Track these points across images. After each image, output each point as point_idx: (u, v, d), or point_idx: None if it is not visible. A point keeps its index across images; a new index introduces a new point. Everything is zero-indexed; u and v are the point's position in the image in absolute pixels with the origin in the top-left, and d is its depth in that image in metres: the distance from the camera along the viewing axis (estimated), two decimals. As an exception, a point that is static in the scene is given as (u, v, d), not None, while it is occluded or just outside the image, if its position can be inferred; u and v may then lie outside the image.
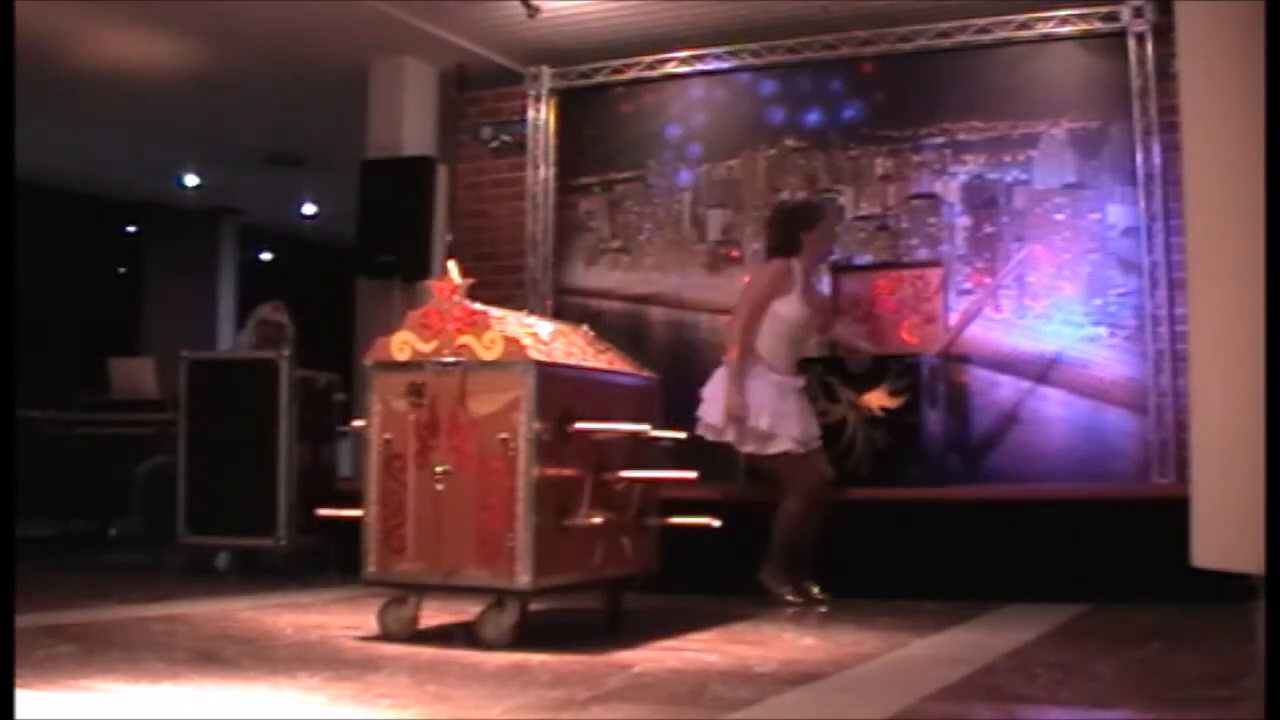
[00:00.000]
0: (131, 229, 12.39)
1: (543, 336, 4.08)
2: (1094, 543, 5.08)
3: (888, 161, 6.72)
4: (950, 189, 6.60)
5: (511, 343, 3.82)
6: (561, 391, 3.88)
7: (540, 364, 3.80)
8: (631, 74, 7.33)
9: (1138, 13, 6.22)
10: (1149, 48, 6.19)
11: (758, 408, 5.04)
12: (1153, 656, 3.69)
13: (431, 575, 3.85)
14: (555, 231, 7.45)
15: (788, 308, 5.14)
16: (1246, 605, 2.21)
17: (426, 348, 3.92)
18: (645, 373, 4.52)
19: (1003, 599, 4.90)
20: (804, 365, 5.46)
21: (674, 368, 5.89)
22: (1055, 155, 6.40)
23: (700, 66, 7.19)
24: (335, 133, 8.29)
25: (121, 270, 12.60)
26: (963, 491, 5.74)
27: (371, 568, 3.94)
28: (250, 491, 5.97)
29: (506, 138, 7.62)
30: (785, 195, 6.90)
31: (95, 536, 7.40)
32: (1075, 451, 6.18)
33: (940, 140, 6.62)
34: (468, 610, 3.91)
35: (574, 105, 7.50)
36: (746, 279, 5.64)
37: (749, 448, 5.13)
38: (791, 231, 5.28)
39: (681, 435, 4.41)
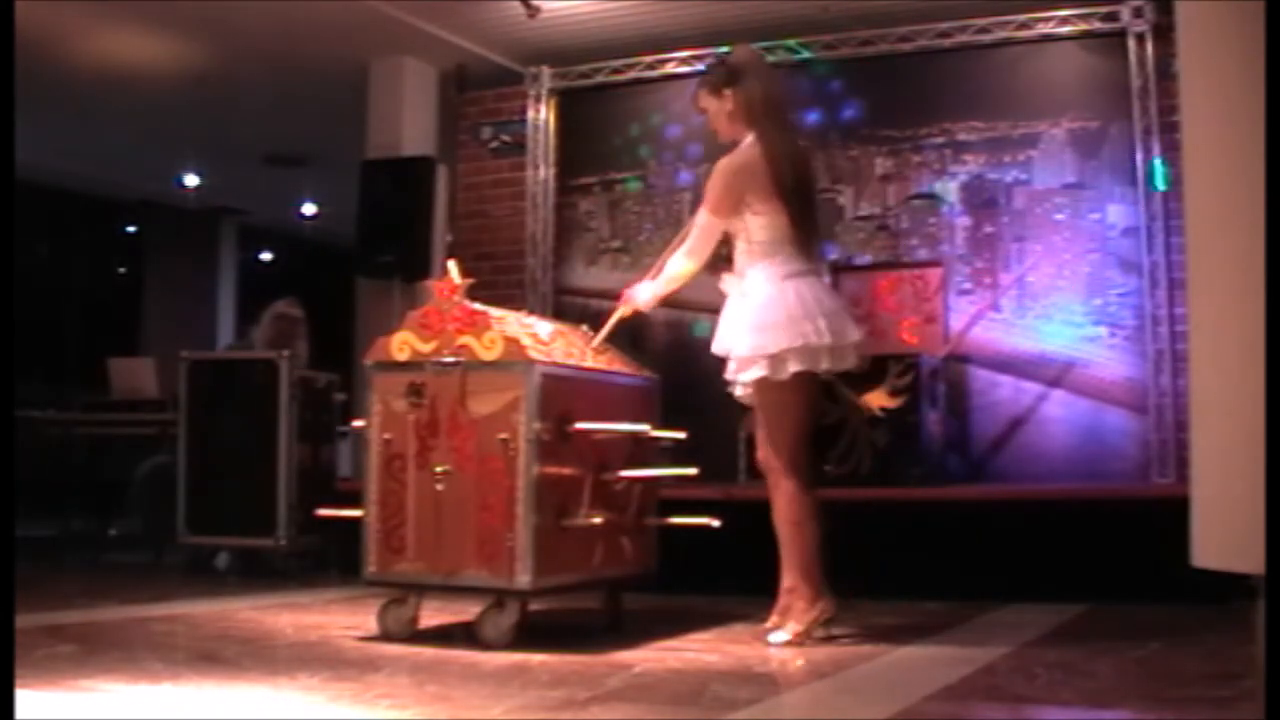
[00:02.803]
0: (131, 229, 12.40)
1: (542, 336, 4.08)
2: (1094, 543, 5.08)
3: (888, 161, 6.73)
4: (950, 189, 6.61)
5: (511, 343, 3.82)
6: (561, 391, 3.88)
7: (540, 364, 3.80)
8: (631, 74, 7.33)
9: (1138, 13, 6.23)
10: (1149, 48, 6.19)
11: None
12: (1153, 656, 3.69)
13: (431, 575, 3.85)
14: (555, 231, 7.46)
15: None
16: (1246, 605, 2.21)
17: (426, 348, 3.92)
18: (645, 373, 4.52)
19: (1003, 599, 4.89)
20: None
21: (674, 368, 5.89)
22: (1055, 155, 6.41)
23: (700, 66, 7.18)
24: (335, 133, 8.29)
25: (121, 270, 12.61)
26: (963, 491, 5.74)
27: (371, 568, 3.94)
28: (250, 491, 5.97)
29: (506, 138, 7.62)
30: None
31: (95, 536, 7.40)
32: (1075, 451, 6.19)
33: (940, 140, 6.63)
34: (468, 610, 3.91)
35: (574, 105, 7.50)
36: None
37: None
38: None
39: (681, 435, 4.41)
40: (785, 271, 3.94)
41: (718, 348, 4.05)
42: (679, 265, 4.14)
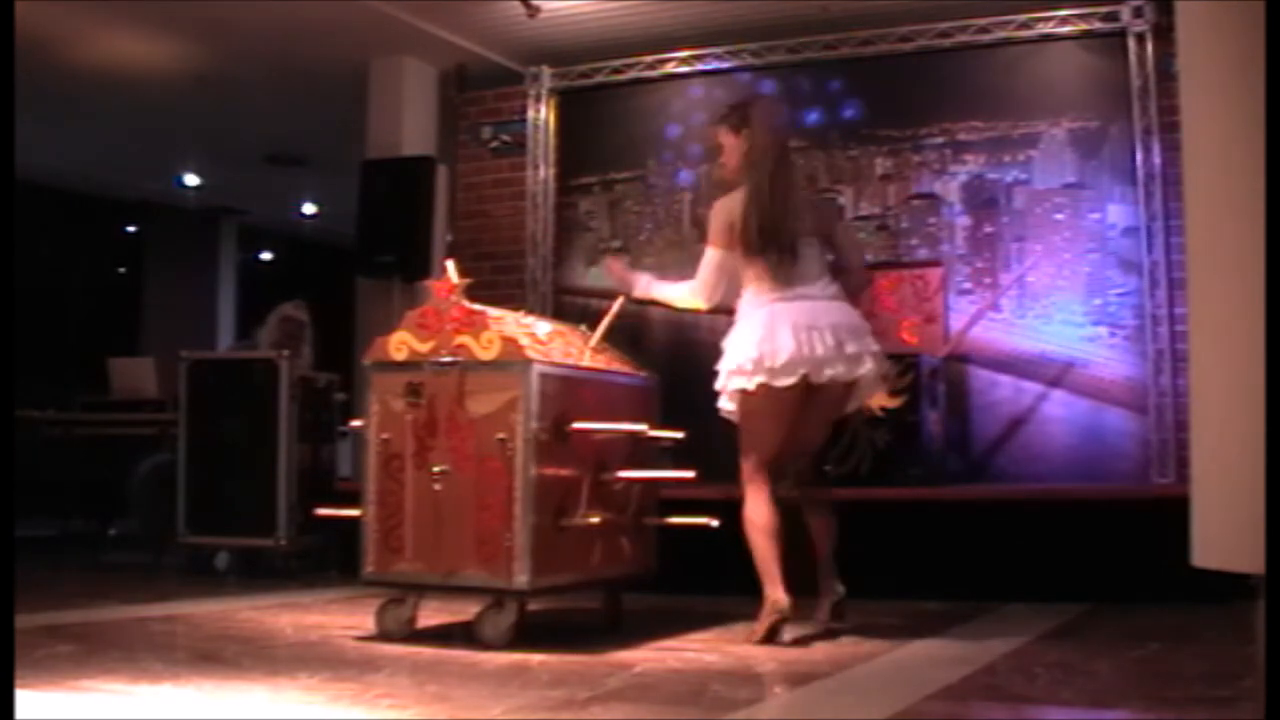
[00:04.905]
0: (131, 229, 12.40)
1: (541, 336, 4.08)
2: (1094, 543, 5.08)
3: (888, 161, 6.73)
4: (950, 189, 6.60)
5: (509, 343, 3.82)
6: (559, 391, 3.88)
7: (538, 364, 3.80)
8: (631, 74, 7.33)
9: (1138, 13, 6.22)
10: (1149, 48, 6.19)
11: None
12: (1153, 656, 3.69)
13: (430, 575, 3.84)
14: (555, 231, 7.45)
15: None
16: (1246, 605, 2.21)
17: (424, 348, 3.91)
18: (644, 373, 4.52)
19: (1003, 599, 4.90)
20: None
21: (674, 368, 5.88)
22: (1055, 155, 6.40)
23: (700, 66, 7.19)
24: (335, 133, 8.29)
25: (121, 270, 12.61)
26: (963, 491, 5.74)
27: (370, 568, 3.94)
28: (250, 491, 5.97)
29: (506, 138, 7.62)
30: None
31: (95, 536, 7.39)
32: (1075, 451, 6.18)
33: (940, 140, 6.62)
34: (467, 610, 3.91)
35: (574, 105, 7.50)
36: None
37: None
38: None
39: (681, 435, 4.41)
40: (766, 299, 4.10)
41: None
42: (681, 287, 4.35)
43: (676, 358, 6.77)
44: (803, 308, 4.09)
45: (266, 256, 13.51)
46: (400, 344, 3.95)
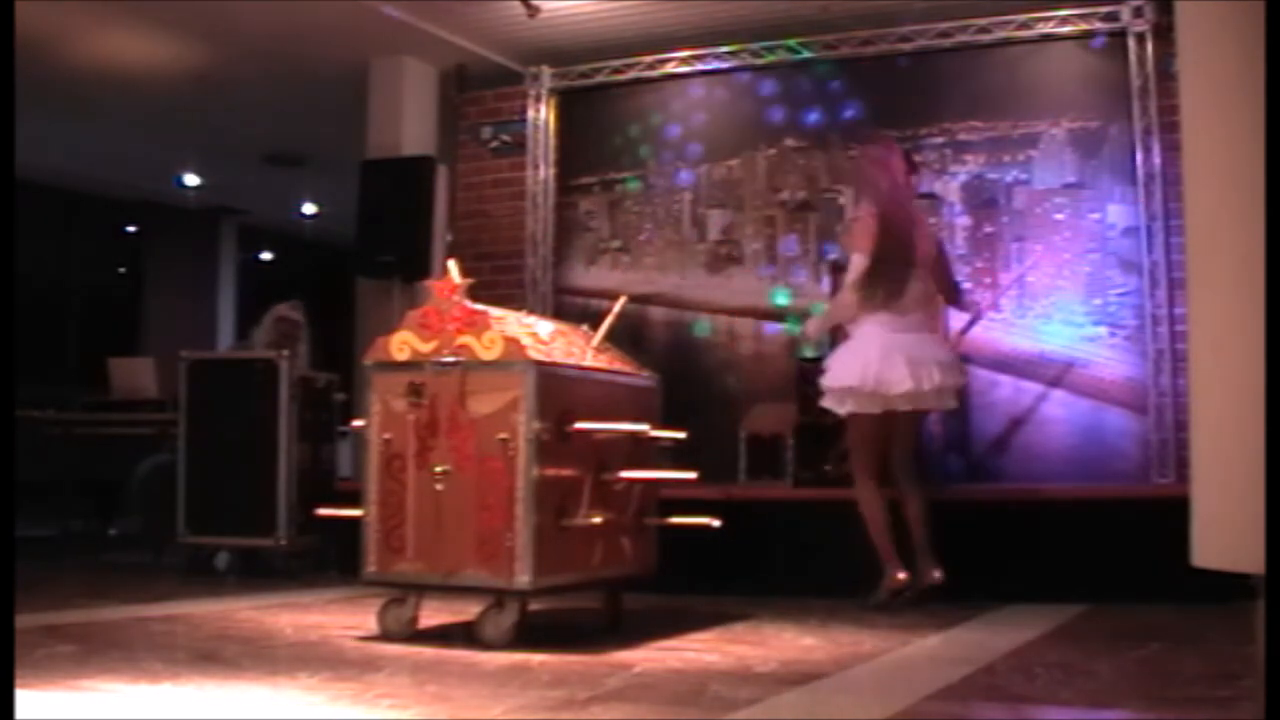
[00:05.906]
0: (131, 229, 12.40)
1: (542, 336, 4.08)
2: (1094, 543, 5.08)
3: (888, 161, 6.71)
4: (950, 189, 6.60)
5: (511, 343, 3.82)
6: (561, 391, 3.88)
7: (540, 364, 3.80)
8: (631, 74, 7.33)
9: (1138, 13, 6.23)
10: (1149, 48, 6.19)
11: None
12: (1153, 656, 3.69)
13: (431, 575, 3.85)
14: (555, 231, 7.45)
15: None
16: (1246, 605, 2.21)
17: (426, 348, 3.92)
18: (645, 373, 4.52)
19: (1003, 599, 4.90)
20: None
21: (674, 368, 5.88)
22: (1055, 155, 6.41)
23: (700, 66, 7.19)
24: (335, 133, 8.29)
25: (121, 270, 12.61)
26: (963, 491, 5.74)
27: (371, 567, 3.94)
28: (250, 491, 5.97)
29: (506, 138, 7.63)
30: (785, 195, 6.92)
31: (95, 536, 7.40)
32: (1075, 451, 6.18)
33: (940, 140, 6.62)
34: (467, 610, 3.91)
35: (574, 105, 7.50)
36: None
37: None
38: None
39: (681, 435, 4.41)
40: (864, 320, 4.91)
41: None
42: (840, 299, 5.10)
43: (677, 358, 6.78)
44: (888, 342, 4.81)
45: (266, 256, 13.52)
46: (402, 344, 3.95)
